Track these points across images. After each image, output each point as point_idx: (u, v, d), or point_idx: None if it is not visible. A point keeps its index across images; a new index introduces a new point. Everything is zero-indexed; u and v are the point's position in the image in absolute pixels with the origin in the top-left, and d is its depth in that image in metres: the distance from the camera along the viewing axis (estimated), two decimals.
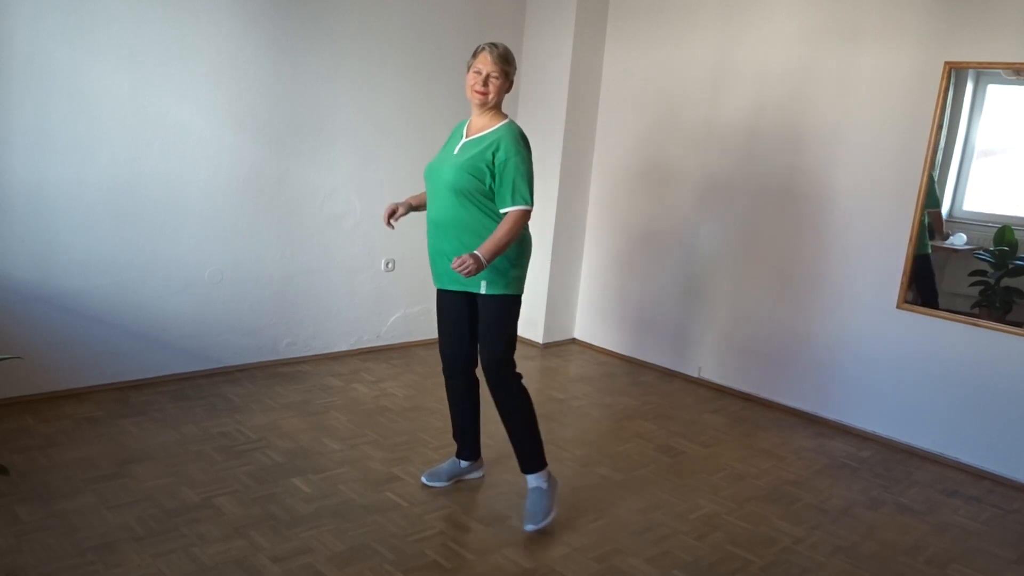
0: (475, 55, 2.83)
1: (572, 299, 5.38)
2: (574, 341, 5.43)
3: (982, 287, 3.73)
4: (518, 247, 2.90)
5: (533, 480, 2.99)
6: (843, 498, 3.40)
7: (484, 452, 3.50)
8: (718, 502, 3.26)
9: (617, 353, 5.18)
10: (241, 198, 4.11)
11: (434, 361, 4.75)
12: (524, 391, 2.97)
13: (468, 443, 3.24)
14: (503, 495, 3.17)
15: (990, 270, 3.71)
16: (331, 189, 4.43)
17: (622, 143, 5.04)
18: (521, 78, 5.17)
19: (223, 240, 4.10)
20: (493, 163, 2.77)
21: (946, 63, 3.68)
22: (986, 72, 3.64)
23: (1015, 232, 3.63)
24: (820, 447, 3.93)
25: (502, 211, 2.79)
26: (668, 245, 4.84)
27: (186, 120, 3.85)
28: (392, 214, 3.05)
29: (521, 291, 2.97)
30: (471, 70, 2.83)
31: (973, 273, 3.75)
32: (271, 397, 3.96)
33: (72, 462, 3.12)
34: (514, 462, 3.44)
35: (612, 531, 2.97)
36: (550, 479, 3.02)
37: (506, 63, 2.82)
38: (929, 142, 3.76)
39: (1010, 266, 3.64)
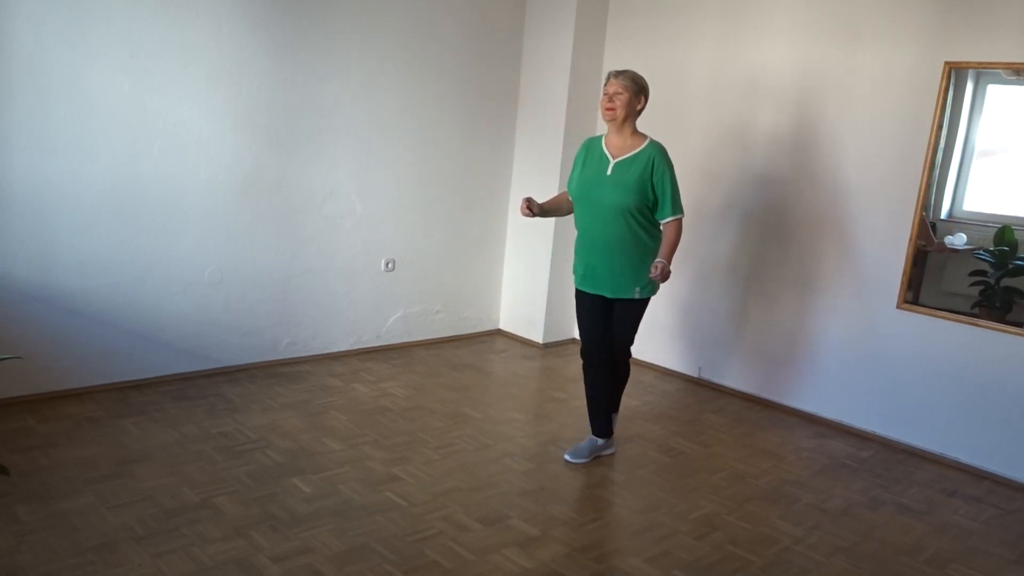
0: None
1: (572, 299, 5.36)
2: (574, 341, 5.42)
3: (982, 287, 3.73)
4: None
5: (596, 439, 3.59)
6: (843, 498, 3.40)
7: (489, 451, 3.50)
8: (718, 502, 3.26)
9: None
10: (241, 198, 4.11)
11: (434, 361, 4.76)
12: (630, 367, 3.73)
13: (601, 421, 3.57)
14: (503, 495, 3.17)
15: (990, 270, 3.71)
16: (331, 189, 4.43)
17: None
18: (521, 78, 5.17)
19: (223, 240, 4.10)
20: (652, 181, 3.23)
21: (946, 63, 3.68)
22: (986, 72, 3.64)
23: (1015, 232, 3.62)
24: (820, 447, 3.93)
25: (663, 222, 3.27)
26: None
27: (186, 120, 3.85)
28: (529, 202, 3.34)
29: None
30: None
31: (973, 273, 3.75)
32: (271, 397, 3.97)
33: (72, 462, 3.12)
34: (513, 463, 3.46)
35: (612, 531, 2.96)
36: (606, 444, 3.61)
37: (628, 80, 3.24)
38: (929, 142, 3.75)
39: (1010, 266, 3.64)
